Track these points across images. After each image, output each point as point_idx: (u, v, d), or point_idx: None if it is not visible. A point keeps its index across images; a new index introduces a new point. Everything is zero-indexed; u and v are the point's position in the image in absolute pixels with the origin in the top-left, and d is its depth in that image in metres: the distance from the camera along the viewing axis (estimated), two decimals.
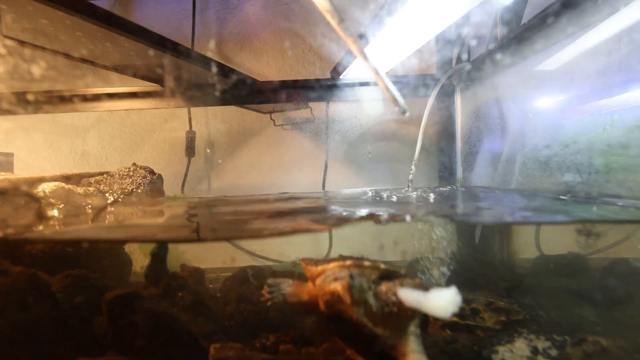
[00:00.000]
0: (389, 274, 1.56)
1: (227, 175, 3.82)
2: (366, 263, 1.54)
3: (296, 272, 2.51)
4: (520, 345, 2.09)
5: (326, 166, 3.53)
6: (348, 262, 1.56)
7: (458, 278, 2.76)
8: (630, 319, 2.11)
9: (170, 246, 2.43)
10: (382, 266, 1.56)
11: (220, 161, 3.89)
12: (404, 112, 1.36)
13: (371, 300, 1.48)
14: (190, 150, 3.61)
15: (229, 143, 3.88)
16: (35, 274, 1.60)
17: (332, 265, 1.58)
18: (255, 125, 3.85)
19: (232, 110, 3.77)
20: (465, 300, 2.32)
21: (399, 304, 1.34)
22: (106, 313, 1.54)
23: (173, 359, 1.58)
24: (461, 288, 2.55)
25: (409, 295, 1.32)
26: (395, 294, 1.37)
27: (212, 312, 2.01)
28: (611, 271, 2.68)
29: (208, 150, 3.80)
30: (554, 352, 1.99)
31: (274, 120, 3.77)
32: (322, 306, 1.52)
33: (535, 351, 2.02)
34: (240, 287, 2.42)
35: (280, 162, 3.86)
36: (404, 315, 1.36)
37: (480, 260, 3.18)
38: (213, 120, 3.86)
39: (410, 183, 2.87)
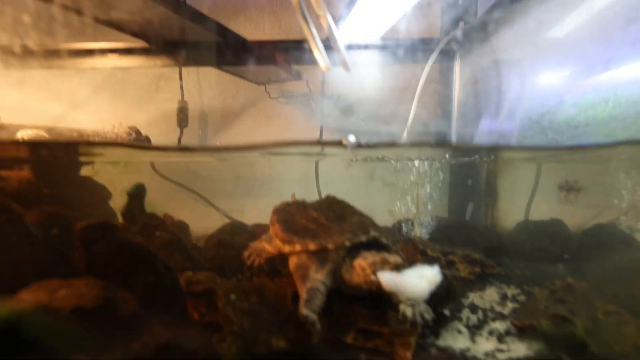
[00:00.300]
0: (369, 244, 1.50)
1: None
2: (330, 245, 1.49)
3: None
4: (491, 293, 2.14)
5: (321, 132, 3.53)
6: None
7: (439, 235, 2.81)
8: (599, 274, 2.15)
9: (154, 202, 2.48)
10: (362, 238, 1.50)
11: (214, 134, 3.89)
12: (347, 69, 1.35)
13: (346, 275, 1.46)
14: (182, 121, 3.53)
15: (223, 115, 3.87)
16: (9, 205, 1.64)
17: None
18: (250, 98, 3.82)
19: (226, 81, 3.72)
20: (442, 252, 2.36)
21: (377, 284, 1.35)
22: (78, 241, 1.58)
23: (147, 286, 1.62)
24: (441, 243, 2.60)
25: (387, 279, 1.31)
26: (374, 273, 1.37)
27: (191, 254, 2.06)
28: (589, 234, 2.72)
29: (200, 131, 3.77)
30: (522, 298, 2.04)
31: (268, 93, 3.74)
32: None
33: (504, 297, 2.07)
34: (221, 235, 2.47)
35: (276, 134, 3.85)
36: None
37: (463, 223, 3.22)
38: (207, 91, 3.84)
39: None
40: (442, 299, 1.76)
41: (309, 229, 1.68)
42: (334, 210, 1.78)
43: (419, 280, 1.29)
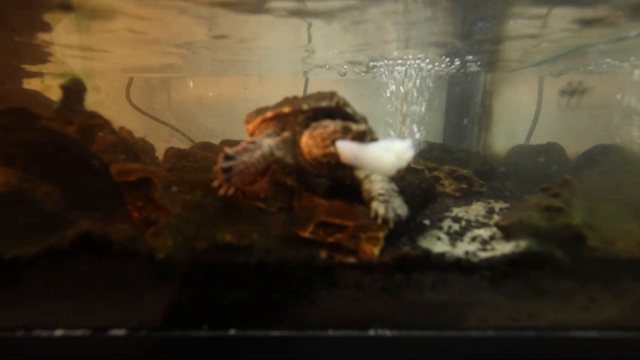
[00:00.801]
0: (330, 112, 1.35)
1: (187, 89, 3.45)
2: (286, 109, 1.33)
3: None
4: (477, 208, 1.95)
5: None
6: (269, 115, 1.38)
7: (425, 155, 2.58)
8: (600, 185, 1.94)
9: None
10: (323, 104, 1.33)
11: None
12: None
13: (305, 148, 1.27)
14: None
15: None
16: None
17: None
18: None
19: None
20: (427, 168, 2.14)
21: (337, 156, 1.14)
22: None
23: (76, 181, 1.40)
24: (429, 160, 2.37)
25: (347, 149, 1.09)
26: (333, 144, 1.16)
27: (142, 160, 1.82)
28: (588, 154, 2.50)
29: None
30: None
31: None
32: None
33: (491, 211, 1.88)
34: (183, 150, 2.23)
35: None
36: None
37: (456, 145, 2.98)
38: None
39: None
40: (421, 203, 1.56)
41: (275, 106, 1.46)
42: (313, 95, 1.53)
43: (385, 153, 1.06)
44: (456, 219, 1.72)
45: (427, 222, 1.70)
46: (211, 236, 1.17)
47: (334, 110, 1.32)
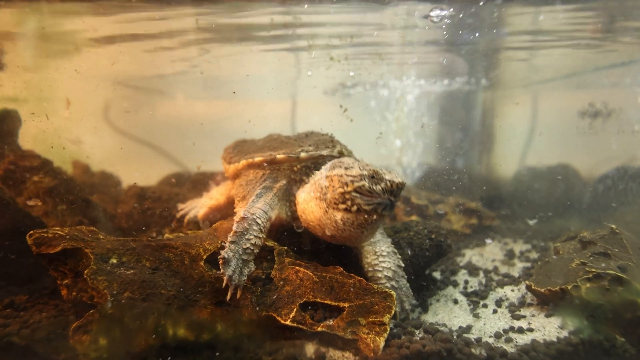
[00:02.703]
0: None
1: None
2: (280, 155, 1.10)
3: None
4: (493, 249, 1.67)
5: None
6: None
7: (426, 182, 2.32)
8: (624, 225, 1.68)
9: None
10: (324, 152, 1.09)
11: None
12: None
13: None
14: None
15: None
16: None
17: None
18: None
19: None
20: (431, 201, 1.86)
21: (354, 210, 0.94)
22: None
23: None
24: (429, 190, 2.10)
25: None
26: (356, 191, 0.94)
27: (92, 206, 1.51)
28: (609, 179, 2.25)
29: None
30: (534, 256, 1.57)
31: None
32: None
33: (510, 254, 1.59)
34: (147, 188, 1.92)
35: None
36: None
37: (456, 169, 2.72)
38: None
39: None
40: (431, 257, 1.27)
41: (263, 147, 1.22)
42: (306, 135, 1.27)
43: None
44: (472, 269, 1.43)
45: (437, 274, 1.41)
46: (160, 329, 0.87)
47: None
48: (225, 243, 0.94)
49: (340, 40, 1.91)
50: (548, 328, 0.96)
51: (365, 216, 0.89)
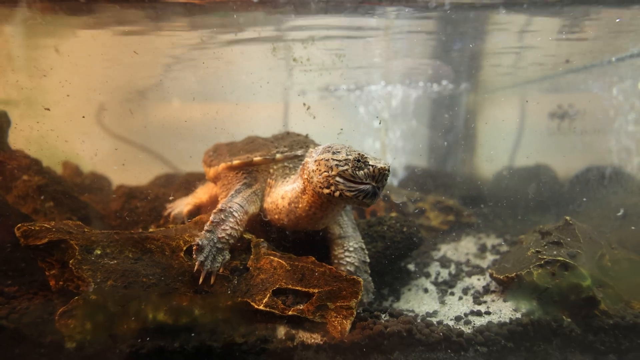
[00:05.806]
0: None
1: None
2: (258, 158, 1.17)
3: None
4: (467, 244, 1.75)
5: None
6: None
7: (407, 182, 2.40)
8: (599, 218, 1.77)
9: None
10: (299, 152, 1.16)
11: None
12: None
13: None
14: None
15: None
16: None
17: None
18: None
19: None
20: (410, 199, 1.94)
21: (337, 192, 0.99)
22: None
23: None
24: (410, 189, 2.17)
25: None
26: (339, 175, 0.99)
27: (81, 205, 1.57)
28: (581, 178, 2.34)
29: None
30: (504, 249, 1.65)
31: None
32: None
33: (483, 248, 1.67)
34: (135, 188, 1.98)
35: None
36: None
37: (437, 169, 2.81)
38: None
39: None
40: (403, 249, 1.34)
41: (241, 150, 1.28)
42: (283, 137, 1.34)
43: None
44: (445, 262, 1.51)
45: (412, 266, 1.49)
46: (141, 314, 0.93)
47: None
48: (201, 232, 1.01)
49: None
50: (504, 311, 1.04)
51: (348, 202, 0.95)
